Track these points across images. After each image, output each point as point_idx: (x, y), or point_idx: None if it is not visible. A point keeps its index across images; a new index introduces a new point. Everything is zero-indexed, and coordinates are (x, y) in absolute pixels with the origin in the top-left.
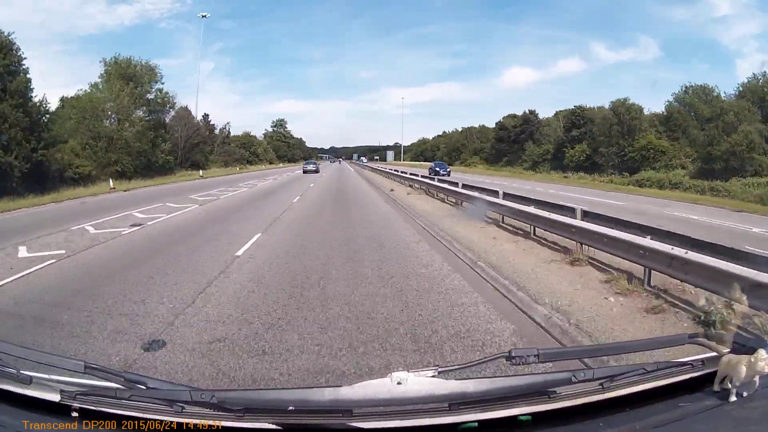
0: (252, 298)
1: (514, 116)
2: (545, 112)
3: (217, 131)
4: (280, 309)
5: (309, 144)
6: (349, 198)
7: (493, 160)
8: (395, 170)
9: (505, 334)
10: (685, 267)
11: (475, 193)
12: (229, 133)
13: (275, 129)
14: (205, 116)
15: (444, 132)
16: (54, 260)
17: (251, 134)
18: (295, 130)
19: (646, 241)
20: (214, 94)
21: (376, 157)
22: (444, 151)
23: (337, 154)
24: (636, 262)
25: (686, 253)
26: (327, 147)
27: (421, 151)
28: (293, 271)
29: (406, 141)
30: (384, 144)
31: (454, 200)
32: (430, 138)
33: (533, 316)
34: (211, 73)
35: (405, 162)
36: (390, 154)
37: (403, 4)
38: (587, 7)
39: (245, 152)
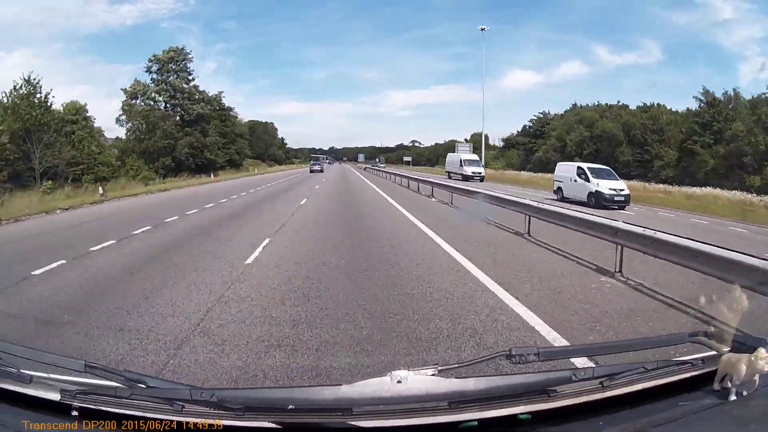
0: None
1: None
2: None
3: None
4: None
5: (309, 145)
6: None
7: None
8: None
9: None
10: None
11: None
12: None
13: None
14: None
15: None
16: None
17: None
18: (296, 131)
19: None
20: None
21: (412, 163)
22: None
23: (337, 155)
24: None
25: None
26: (326, 148)
27: (583, 145)
28: None
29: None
30: (382, 145)
31: None
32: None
33: None
34: (213, 74)
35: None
36: (464, 149)
37: (406, 5)
38: (591, 10)
39: None
